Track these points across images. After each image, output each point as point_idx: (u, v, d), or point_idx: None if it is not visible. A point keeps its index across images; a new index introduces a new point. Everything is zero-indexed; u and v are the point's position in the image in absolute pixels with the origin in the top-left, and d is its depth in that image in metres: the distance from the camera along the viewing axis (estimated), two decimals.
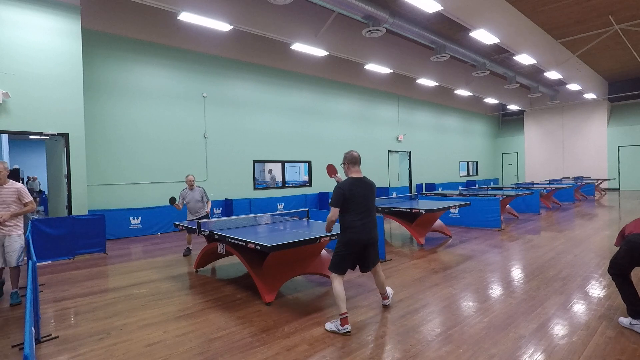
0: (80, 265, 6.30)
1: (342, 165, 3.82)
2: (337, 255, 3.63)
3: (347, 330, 3.41)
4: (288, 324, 3.66)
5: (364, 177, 3.74)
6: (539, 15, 11.07)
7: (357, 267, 3.85)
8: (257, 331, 3.52)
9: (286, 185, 12.91)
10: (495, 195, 9.69)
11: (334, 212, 3.56)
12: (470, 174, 22.39)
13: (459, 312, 3.87)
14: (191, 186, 6.76)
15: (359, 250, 3.66)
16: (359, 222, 3.58)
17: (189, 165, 10.27)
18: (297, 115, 12.98)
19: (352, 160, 3.70)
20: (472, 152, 22.31)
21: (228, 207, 10.72)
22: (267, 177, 13.93)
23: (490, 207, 8.87)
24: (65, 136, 7.39)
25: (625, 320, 3.45)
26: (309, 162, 13.43)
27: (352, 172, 3.72)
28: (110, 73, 9.04)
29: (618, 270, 3.43)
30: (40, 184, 17.05)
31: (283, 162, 12.77)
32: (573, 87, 16.62)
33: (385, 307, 4.04)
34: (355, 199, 3.57)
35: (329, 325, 3.53)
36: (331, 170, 4.61)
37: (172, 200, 6.55)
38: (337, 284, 3.56)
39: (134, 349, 3.24)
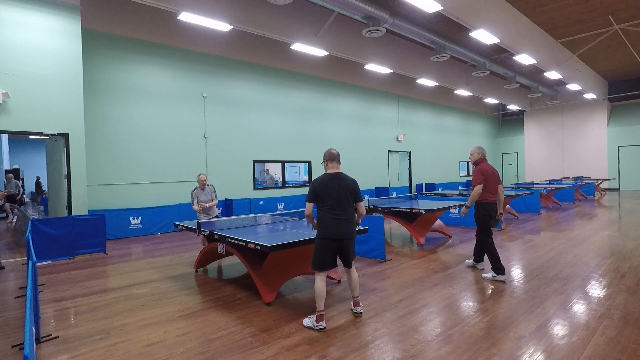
0: (80, 265, 6.30)
1: (322, 163, 3.86)
2: (314, 252, 3.68)
3: (322, 327, 3.48)
4: (288, 324, 3.65)
5: (340, 173, 3.71)
6: (539, 15, 11.07)
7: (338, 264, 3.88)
8: (257, 331, 3.51)
9: (286, 185, 12.91)
10: None
11: (307, 207, 3.72)
12: (470, 174, 22.39)
13: (459, 312, 3.87)
14: (203, 186, 6.56)
15: (334, 246, 3.64)
16: (332, 217, 3.59)
17: (189, 165, 10.27)
18: (297, 115, 12.98)
19: (329, 157, 3.76)
20: None
21: (228, 207, 10.72)
22: (273, 177, 13.79)
23: None
24: (65, 136, 7.38)
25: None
26: (309, 162, 13.43)
27: (329, 169, 3.76)
28: (110, 73, 9.04)
29: None
30: (18, 185, 12.67)
31: (283, 162, 12.77)
32: (573, 87, 16.61)
33: (358, 316, 3.78)
34: (329, 194, 3.60)
35: (307, 321, 3.60)
36: None
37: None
38: (319, 281, 3.59)
39: (134, 349, 3.23)
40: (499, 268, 4.93)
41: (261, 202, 11.41)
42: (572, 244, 6.96)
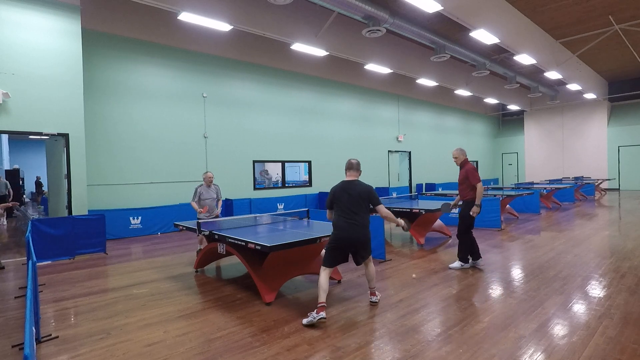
0: (80, 265, 6.30)
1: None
2: (326, 250, 3.95)
3: (322, 317, 3.56)
4: (288, 324, 3.65)
5: (355, 181, 4.00)
6: (539, 15, 11.06)
7: (345, 263, 4.10)
8: (257, 331, 3.52)
9: (286, 185, 12.91)
10: (495, 195, 9.69)
11: (327, 213, 4.08)
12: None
13: (459, 312, 3.87)
14: (209, 183, 6.44)
15: (346, 247, 3.90)
16: (344, 221, 3.85)
17: (189, 165, 10.27)
18: (297, 115, 12.98)
19: (347, 166, 4.12)
20: (472, 152, 22.30)
21: (228, 207, 10.72)
22: (271, 178, 13.68)
23: (490, 207, 8.86)
24: (65, 136, 7.38)
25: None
26: (309, 162, 13.43)
27: (347, 176, 4.08)
28: (110, 73, 9.04)
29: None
30: (7, 185, 12.12)
31: (283, 162, 12.77)
32: (573, 87, 16.61)
33: (373, 305, 4.10)
34: (342, 199, 3.90)
35: (306, 320, 3.64)
36: None
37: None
38: (324, 276, 3.81)
39: (134, 349, 3.23)
40: (466, 258, 5.48)
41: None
42: (572, 244, 6.96)
